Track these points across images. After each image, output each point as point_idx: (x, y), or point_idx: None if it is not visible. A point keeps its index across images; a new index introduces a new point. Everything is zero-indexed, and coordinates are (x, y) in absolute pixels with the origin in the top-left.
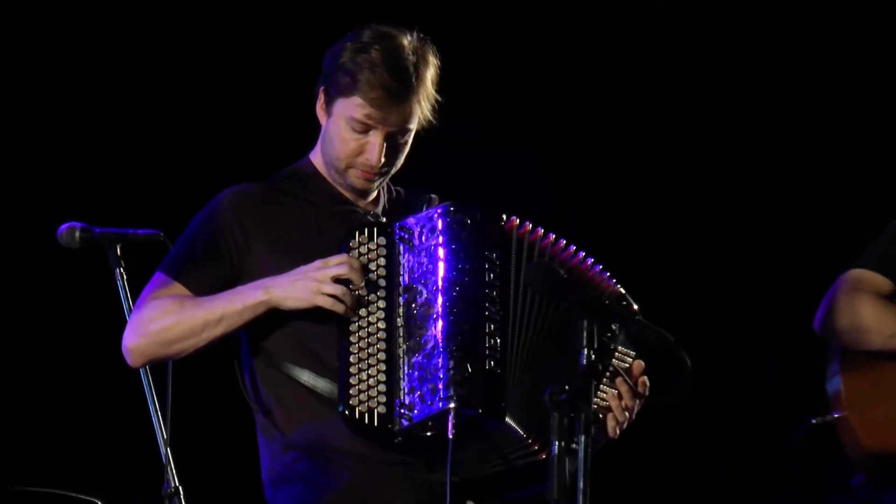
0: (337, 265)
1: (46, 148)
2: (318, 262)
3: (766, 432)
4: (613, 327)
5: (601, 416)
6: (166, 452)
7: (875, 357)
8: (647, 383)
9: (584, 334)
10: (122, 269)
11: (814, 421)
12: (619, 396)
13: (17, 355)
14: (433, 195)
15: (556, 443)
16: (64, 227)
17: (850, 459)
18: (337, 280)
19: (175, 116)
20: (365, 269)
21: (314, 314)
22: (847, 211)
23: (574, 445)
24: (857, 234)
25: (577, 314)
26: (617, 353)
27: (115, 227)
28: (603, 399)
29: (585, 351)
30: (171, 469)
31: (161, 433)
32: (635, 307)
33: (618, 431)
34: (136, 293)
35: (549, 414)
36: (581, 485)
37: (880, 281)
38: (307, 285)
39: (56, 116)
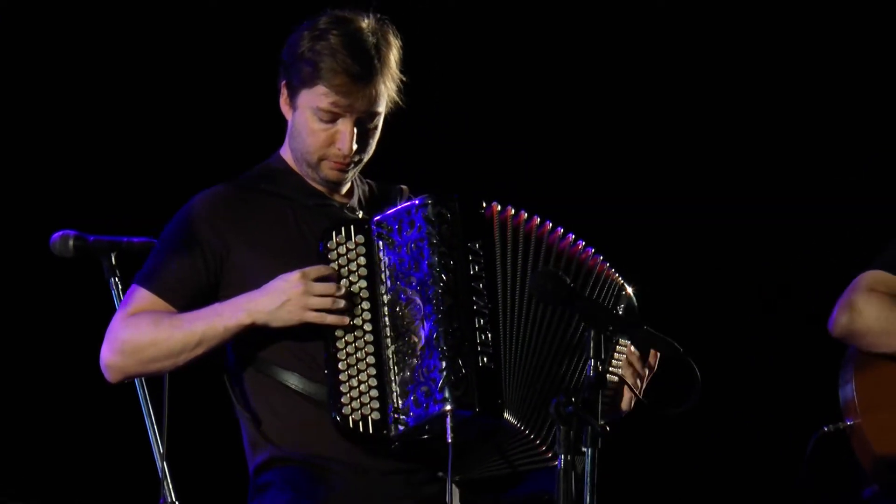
0: (317, 277)
1: (38, 156)
2: (296, 276)
3: (776, 441)
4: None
5: (613, 391)
6: (163, 466)
7: (890, 362)
8: (658, 354)
9: (591, 344)
10: (116, 279)
11: (826, 429)
12: (630, 364)
13: (11, 366)
14: (404, 186)
15: (563, 456)
16: (57, 235)
17: (862, 469)
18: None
19: (167, 123)
20: (345, 271)
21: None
22: (861, 214)
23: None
24: (871, 236)
25: (584, 324)
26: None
27: (109, 236)
28: (616, 370)
29: (592, 362)
30: (168, 483)
31: (157, 446)
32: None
33: (632, 403)
34: None
35: (548, 404)
36: (588, 498)
37: (895, 282)
38: (291, 306)
39: (48, 124)
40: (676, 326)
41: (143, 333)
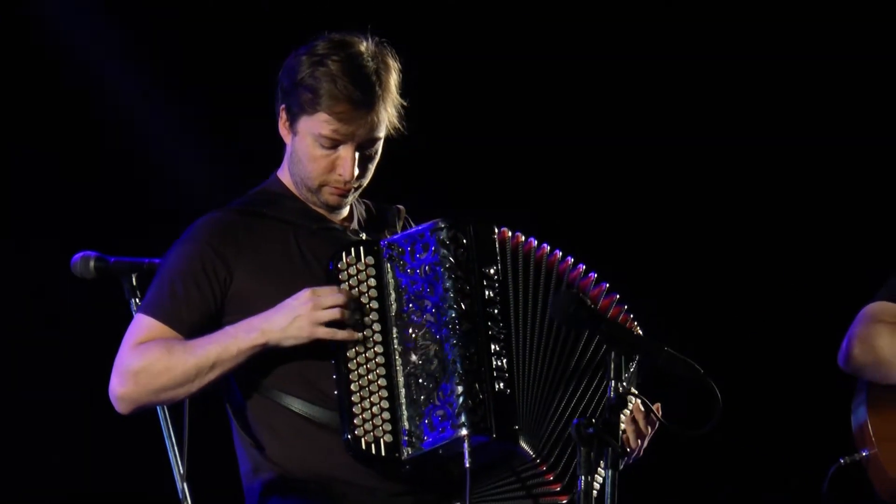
0: (329, 295)
1: (60, 177)
2: (307, 293)
3: (792, 473)
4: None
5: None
6: (183, 487)
7: None
8: (660, 408)
9: (612, 366)
10: (137, 300)
11: (842, 461)
12: (634, 421)
13: (33, 386)
14: (400, 206)
15: (583, 477)
16: (78, 256)
17: (880, 500)
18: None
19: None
20: (356, 292)
21: (308, 343)
22: (869, 244)
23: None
24: (879, 266)
25: (606, 346)
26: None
27: (129, 257)
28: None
29: (613, 383)
30: None
31: (178, 468)
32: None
33: (640, 449)
34: None
35: (559, 430)
36: None
37: None
38: (303, 322)
39: (70, 147)
40: (692, 349)
41: (156, 360)
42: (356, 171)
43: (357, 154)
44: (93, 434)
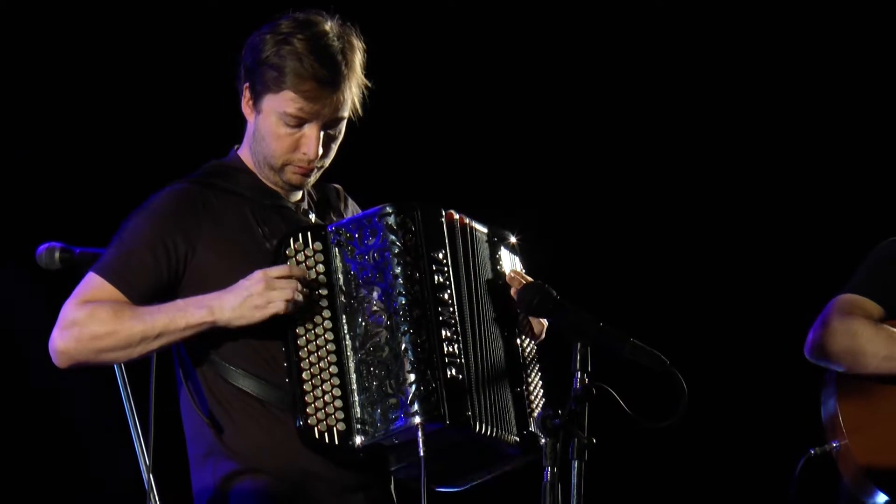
0: (280, 273)
1: (24, 167)
2: (259, 274)
3: (762, 464)
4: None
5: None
6: (149, 478)
7: (871, 380)
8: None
9: (578, 357)
10: None
11: (812, 452)
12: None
13: None
14: (337, 185)
15: (549, 468)
16: (43, 247)
17: (850, 491)
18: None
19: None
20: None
21: (259, 323)
22: (834, 237)
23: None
24: (844, 258)
25: (571, 337)
26: None
27: (94, 248)
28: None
29: (579, 374)
30: (155, 496)
31: (143, 459)
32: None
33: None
34: None
35: (508, 409)
36: None
37: (870, 306)
38: (254, 300)
39: (33, 136)
40: (662, 341)
41: (102, 322)
42: (320, 151)
43: (321, 133)
44: (58, 425)
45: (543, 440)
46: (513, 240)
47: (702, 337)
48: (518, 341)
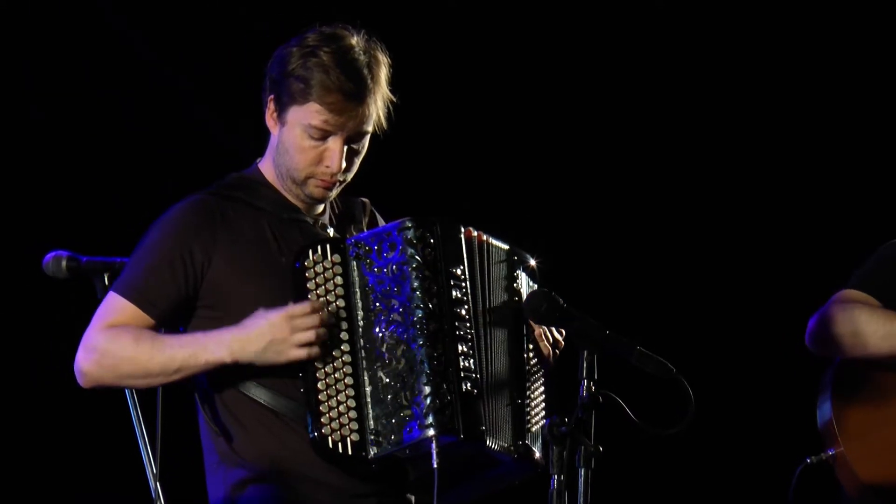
0: (304, 318)
1: (32, 176)
2: (282, 317)
3: (760, 473)
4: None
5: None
6: (156, 486)
7: (866, 386)
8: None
9: (585, 364)
10: None
11: (809, 461)
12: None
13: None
14: (364, 199)
15: (556, 476)
16: (50, 256)
17: (847, 498)
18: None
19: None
20: (322, 290)
21: None
22: (835, 242)
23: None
24: (844, 261)
25: (577, 344)
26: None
27: (101, 256)
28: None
29: (585, 382)
30: None
31: (150, 467)
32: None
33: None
34: None
35: (515, 422)
36: None
37: (872, 302)
38: (277, 346)
39: (41, 145)
40: (662, 348)
41: (123, 349)
42: (343, 164)
43: (345, 147)
44: (65, 434)
45: (538, 454)
46: (532, 263)
47: (701, 344)
48: (526, 357)
